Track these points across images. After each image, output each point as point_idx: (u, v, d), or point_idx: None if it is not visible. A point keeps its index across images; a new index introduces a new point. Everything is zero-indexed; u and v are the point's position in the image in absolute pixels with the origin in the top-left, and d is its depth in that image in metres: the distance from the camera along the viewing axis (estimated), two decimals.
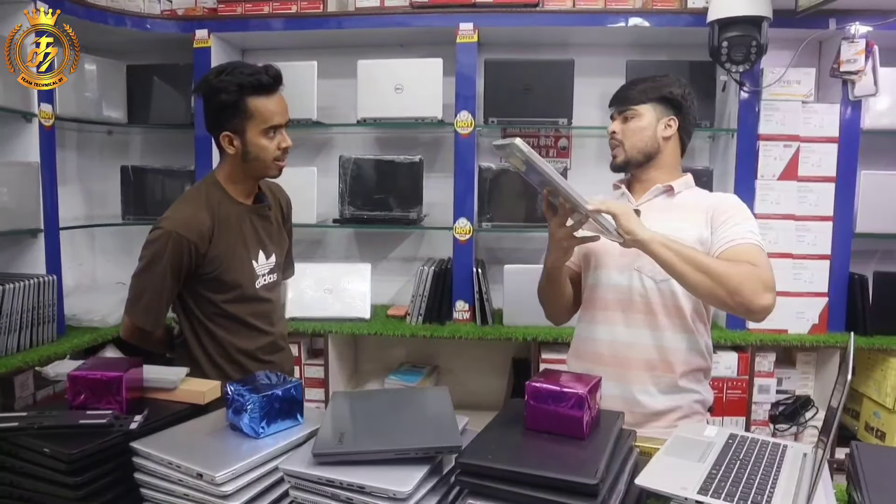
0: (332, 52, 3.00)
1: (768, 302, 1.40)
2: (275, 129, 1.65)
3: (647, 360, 1.58)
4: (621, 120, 1.63)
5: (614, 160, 1.66)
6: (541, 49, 2.92)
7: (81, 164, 3.14)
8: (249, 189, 1.73)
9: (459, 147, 2.74)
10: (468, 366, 3.07)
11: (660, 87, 1.62)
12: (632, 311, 1.59)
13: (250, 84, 1.59)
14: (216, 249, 1.63)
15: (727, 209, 1.55)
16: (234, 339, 1.70)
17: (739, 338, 2.62)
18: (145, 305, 1.62)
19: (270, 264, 1.76)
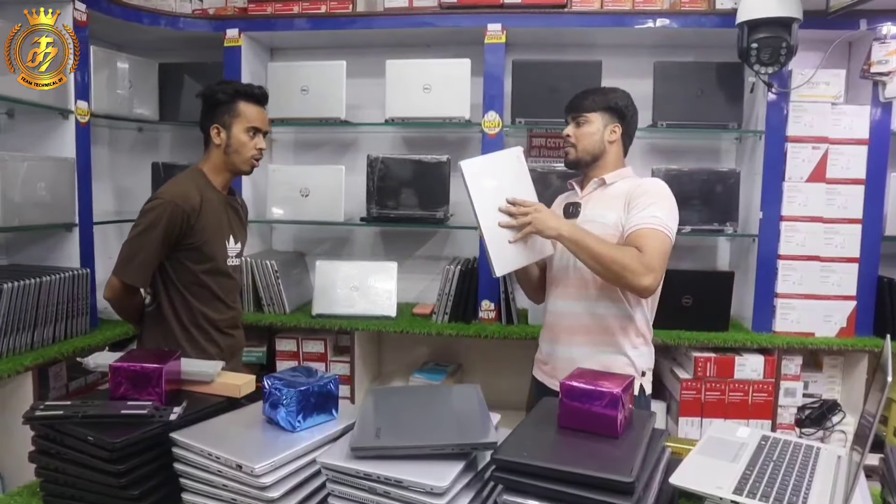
0: (361, 52, 3.03)
1: (648, 283, 1.68)
2: (255, 132, 1.99)
3: (578, 324, 1.86)
4: (575, 124, 1.92)
5: (566, 157, 1.96)
6: (568, 50, 2.92)
7: (113, 160, 3.19)
8: (225, 181, 2.05)
9: (487, 147, 2.75)
10: (492, 365, 3.08)
11: (608, 98, 1.91)
12: (568, 286, 1.89)
13: (243, 91, 1.98)
14: (201, 223, 1.91)
15: (640, 195, 1.78)
16: (204, 307, 1.98)
17: (766, 340, 2.61)
18: (138, 265, 1.86)
19: (237, 249, 2.07)
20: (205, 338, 1.99)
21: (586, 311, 1.87)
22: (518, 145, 2.95)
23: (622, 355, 1.86)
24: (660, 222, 1.73)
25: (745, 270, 2.77)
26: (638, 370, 1.87)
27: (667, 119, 2.68)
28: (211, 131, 1.98)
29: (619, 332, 1.86)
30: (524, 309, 2.85)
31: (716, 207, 2.69)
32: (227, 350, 2.05)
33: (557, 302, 1.94)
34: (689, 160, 2.93)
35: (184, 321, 1.96)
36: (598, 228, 1.83)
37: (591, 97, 1.92)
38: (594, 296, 1.86)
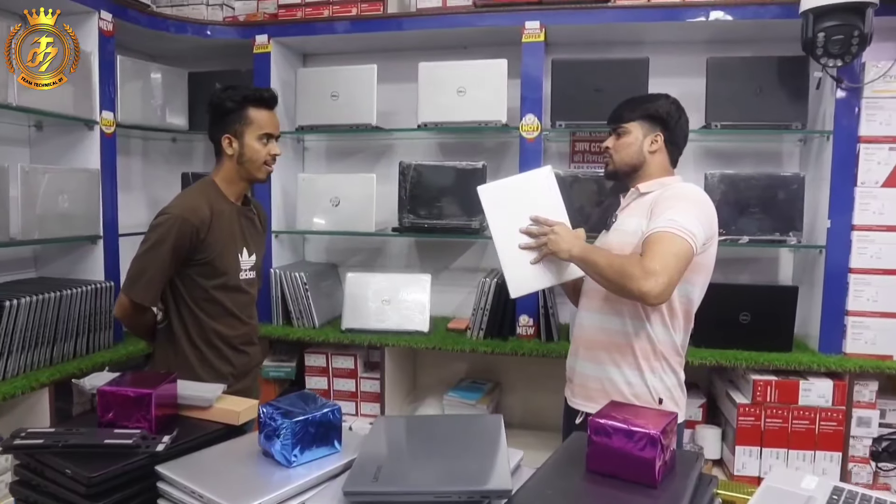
0: (393, 56, 2.91)
1: (648, 287, 1.51)
2: (268, 137, 1.91)
3: (595, 339, 1.77)
4: (615, 137, 1.84)
5: (605, 168, 1.89)
6: (612, 48, 2.74)
7: (146, 171, 3.16)
8: (240, 191, 1.96)
9: (525, 153, 2.60)
10: (532, 382, 2.91)
11: (647, 107, 1.80)
12: (589, 298, 1.81)
13: (252, 96, 1.89)
14: (212, 237, 1.83)
15: (662, 201, 1.66)
16: (216, 324, 1.88)
17: (835, 363, 2.35)
18: (147, 282, 1.78)
19: (251, 262, 1.96)
20: (216, 356, 1.90)
21: (602, 324, 1.78)
22: (557, 152, 2.82)
23: (636, 377, 1.73)
24: (675, 225, 1.57)
25: (811, 285, 2.52)
26: (654, 397, 1.73)
27: (721, 120, 2.47)
28: (223, 142, 1.89)
29: (635, 351, 1.72)
30: (565, 324, 2.67)
31: (777, 216, 2.45)
32: (240, 368, 1.95)
33: (582, 313, 1.86)
34: (746, 164, 2.70)
35: (194, 339, 1.88)
36: (619, 237, 1.76)
37: (629, 106, 1.83)
38: (609, 308, 1.75)
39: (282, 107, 2.93)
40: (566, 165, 2.89)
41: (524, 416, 2.93)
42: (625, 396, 1.72)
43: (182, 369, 1.85)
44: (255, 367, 2.07)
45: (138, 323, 1.90)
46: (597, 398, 1.76)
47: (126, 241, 2.80)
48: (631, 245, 1.70)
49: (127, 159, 3.04)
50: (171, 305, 1.88)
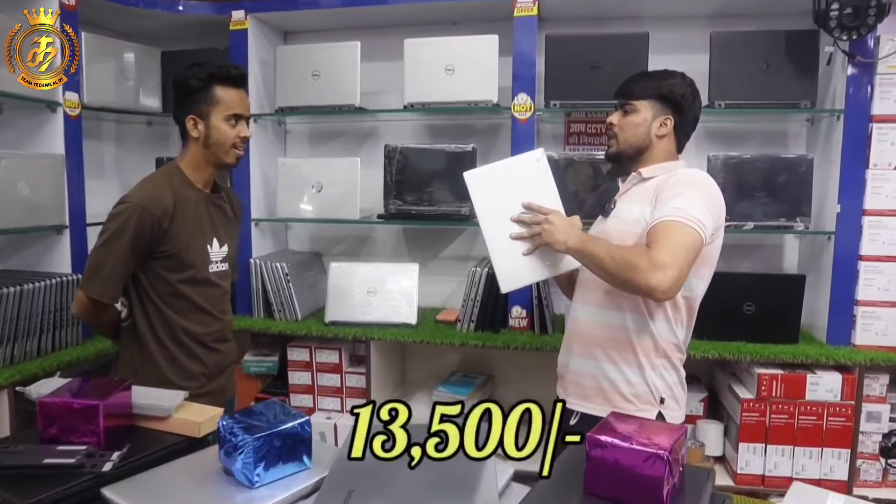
0: (379, 33, 2.75)
1: (656, 281, 1.39)
2: (237, 118, 1.75)
3: (591, 335, 1.65)
4: (621, 113, 1.69)
5: (608, 150, 1.73)
6: (610, 22, 2.58)
7: (119, 156, 3.00)
8: (208, 177, 1.81)
9: (517, 134, 2.45)
10: (527, 375, 2.78)
11: (660, 85, 1.65)
12: (586, 289, 1.69)
13: (219, 74, 1.73)
14: (176, 227, 1.69)
15: (668, 188, 1.54)
16: (184, 320, 1.75)
17: (844, 356, 2.23)
18: (105, 277, 1.64)
19: (223, 253, 1.83)
20: (186, 354, 1.76)
21: (600, 319, 1.65)
22: (551, 133, 2.68)
23: (637, 375, 1.62)
24: (682, 213, 1.46)
25: (818, 273, 2.40)
26: (655, 396, 1.62)
27: (725, 98, 2.32)
28: (187, 123, 1.74)
29: (635, 348, 1.61)
30: (560, 316, 2.55)
31: (784, 200, 2.32)
32: (212, 367, 1.81)
33: (577, 306, 1.74)
34: (750, 146, 2.56)
35: (161, 337, 1.74)
36: (619, 225, 1.63)
37: (642, 82, 1.67)
38: (608, 302, 1.63)
39: (261, 87, 2.81)
40: (561, 147, 2.75)
41: None
42: (624, 395, 1.61)
43: (149, 370, 1.73)
44: (231, 366, 1.93)
45: (99, 321, 1.77)
46: (593, 397, 1.66)
47: (96, 231, 2.66)
48: (632, 234, 1.58)
49: (98, 144, 2.88)
50: (136, 301, 1.74)
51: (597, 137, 2.72)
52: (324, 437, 2.58)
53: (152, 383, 1.72)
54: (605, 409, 1.57)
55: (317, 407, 2.68)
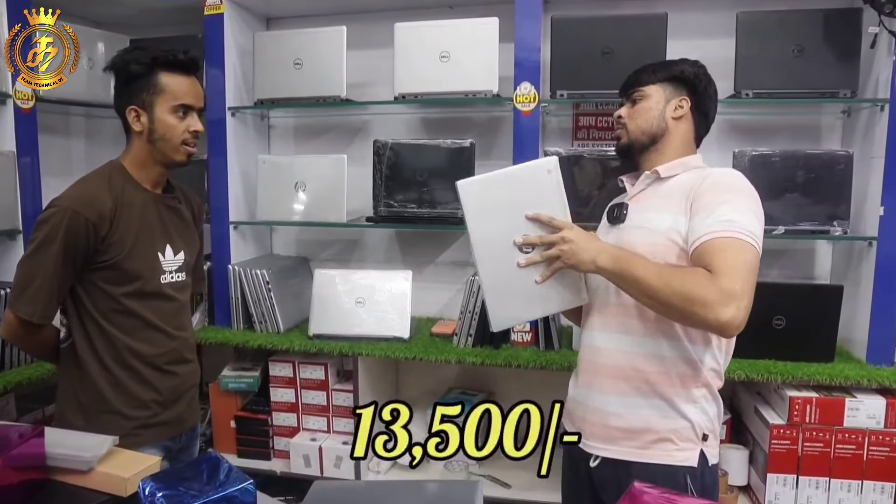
0: (367, 18, 2.53)
1: (729, 316, 1.21)
2: (185, 110, 1.53)
3: (618, 367, 1.43)
4: (629, 104, 1.53)
5: (617, 142, 1.55)
6: (623, 3, 2.34)
7: (91, 153, 2.80)
8: (157, 177, 1.59)
9: (520, 128, 2.23)
10: (531, 391, 2.53)
11: (670, 67, 1.51)
12: (608, 315, 1.46)
13: (164, 59, 1.51)
14: (117, 233, 1.48)
15: (706, 191, 1.35)
16: (132, 340, 1.53)
17: (888, 377, 1.98)
18: (33, 294, 1.43)
19: (178, 261, 1.62)
20: (135, 379, 1.54)
21: (628, 347, 1.43)
22: (557, 127, 2.43)
23: (676, 414, 1.40)
24: (738, 227, 1.27)
25: (857, 283, 2.15)
26: (697, 433, 1.41)
27: (753, 87, 2.07)
28: (128, 115, 1.52)
29: (673, 379, 1.40)
30: (567, 328, 2.31)
31: (819, 201, 2.08)
32: (167, 393, 1.59)
33: (594, 335, 1.50)
34: (779, 140, 2.31)
35: (104, 360, 1.52)
36: (646, 237, 1.40)
37: (648, 69, 1.52)
38: (639, 327, 1.41)
39: (240, 78, 2.57)
40: (568, 143, 2.51)
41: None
42: (659, 434, 1.40)
43: (92, 399, 1.52)
44: (191, 390, 1.70)
45: (33, 343, 1.56)
46: (620, 439, 1.43)
47: None
48: (664, 248, 1.37)
49: (65, 140, 2.68)
50: (75, 320, 1.52)
51: (608, 132, 2.47)
52: (308, 462, 2.36)
53: (96, 413, 1.52)
54: (635, 451, 1.41)
55: (301, 426, 2.46)
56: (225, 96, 2.46)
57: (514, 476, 2.31)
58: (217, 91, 2.46)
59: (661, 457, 1.39)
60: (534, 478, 2.31)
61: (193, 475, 0.92)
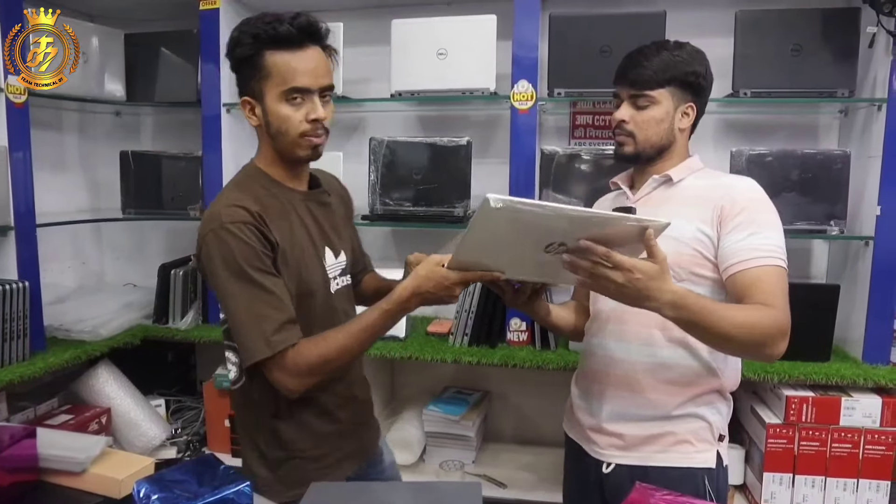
0: (364, 14, 2.50)
1: (784, 348, 1.26)
2: (300, 94, 1.27)
3: (638, 377, 1.40)
4: (632, 106, 1.42)
5: (621, 148, 1.46)
6: (622, 1, 2.32)
7: (84, 148, 2.77)
8: (295, 173, 1.38)
9: (517, 126, 2.21)
10: (526, 390, 2.56)
11: (678, 67, 1.39)
12: (625, 323, 1.42)
13: (267, 34, 1.25)
14: (276, 235, 1.27)
15: (744, 205, 1.32)
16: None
17: (884, 376, 1.98)
18: (271, 315, 1.21)
19: (341, 264, 1.43)
20: (314, 412, 1.36)
21: (651, 360, 1.40)
22: (555, 125, 2.40)
23: (696, 418, 1.40)
24: (779, 254, 1.30)
25: (853, 282, 2.15)
26: (714, 434, 1.43)
27: (752, 86, 2.07)
28: (243, 109, 1.33)
29: (694, 388, 1.39)
30: None
31: (816, 201, 2.07)
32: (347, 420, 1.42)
33: (608, 344, 1.46)
34: (776, 139, 2.31)
35: (279, 398, 1.30)
36: (670, 246, 1.27)
37: (655, 63, 1.39)
38: (661, 338, 1.39)
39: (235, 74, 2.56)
40: (566, 142, 2.50)
41: (517, 429, 2.59)
42: (678, 436, 1.40)
43: (272, 445, 1.35)
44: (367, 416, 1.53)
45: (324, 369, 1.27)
46: (638, 446, 1.42)
47: (57, 231, 2.44)
48: (689, 258, 1.35)
49: (58, 135, 2.65)
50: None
51: (605, 130, 2.47)
52: None
53: (279, 462, 1.35)
54: (653, 456, 1.40)
55: None
56: (220, 92, 2.43)
57: (509, 475, 2.30)
58: (212, 87, 2.43)
59: (681, 459, 1.39)
60: (529, 477, 2.33)
61: (188, 477, 0.91)
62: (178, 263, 2.54)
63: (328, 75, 1.31)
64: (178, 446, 2.38)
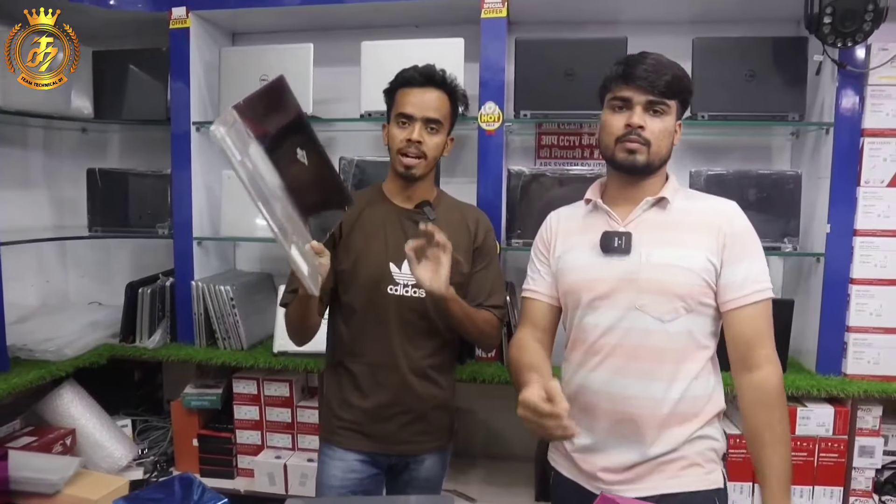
0: (334, 35, 2.54)
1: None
2: (406, 119, 1.63)
3: (654, 414, 1.35)
4: (649, 111, 1.37)
5: (631, 157, 1.37)
6: (586, 26, 2.40)
7: (49, 165, 2.74)
8: (404, 190, 1.70)
9: (484, 146, 2.25)
10: (494, 407, 2.59)
11: (685, 81, 1.40)
12: (635, 359, 1.36)
13: (400, 78, 1.68)
14: (350, 240, 1.66)
15: (741, 234, 1.37)
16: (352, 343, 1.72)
17: (836, 387, 2.07)
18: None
19: (407, 275, 1.62)
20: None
21: (664, 397, 1.36)
22: (521, 146, 2.45)
23: (703, 439, 1.39)
24: (769, 281, 1.38)
25: (806, 297, 2.24)
26: (719, 454, 1.43)
27: (709, 110, 2.16)
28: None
29: (704, 416, 1.39)
30: None
31: (770, 219, 2.16)
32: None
33: (613, 380, 1.38)
34: (732, 160, 2.40)
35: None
36: (684, 277, 1.34)
37: (668, 74, 1.36)
38: (677, 375, 1.36)
39: (205, 92, 2.56)
40: (532, 162, 2.56)
41: (486, 445, 2.61)
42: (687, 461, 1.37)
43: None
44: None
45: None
46: (647, 476, 1.37)
47: (20, 249, 2.40)
48: (700, 289, 1.35)
49: (22, 152, 2.63)
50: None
51: (569, 150, 2.53)
52: (273, 480, 2.33)
53: None
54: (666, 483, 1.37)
55: (266, 444, 2.43)
56: (190, 110, 2.44)
57: (479, 490, 2.33)
58: (182, 105, 2.44)
59: (693, 483, 1.36)
60: (498, 490, 2.36)
61: (166, 495, 0.92)
62: (147, 281, 2.52)
63: (434, 111, 1.64)
64: (144, 467, 2.35)
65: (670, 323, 1.35)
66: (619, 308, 1.37)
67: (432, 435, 1.75)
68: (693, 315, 1.36)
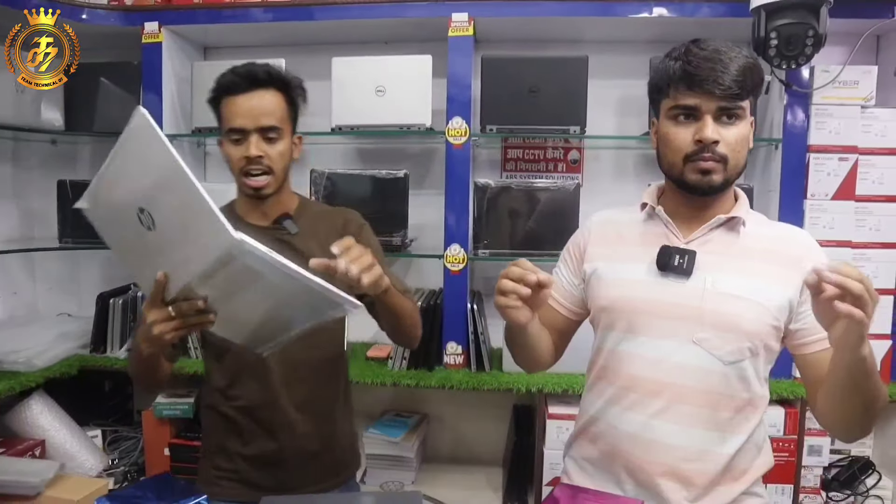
0: (305, 51, 2.60)
1: None
2: (239, 134, 1.39)
3: (703, 470, 1.16)
4: (718, 119, 1.11)
5: (707, 178, 1.12)
6: (549, 45, 2.50)
7: (17, 177, 2.74)
8: (255, 207, 1.47)
9: (452, 160, 2.33)
10: (462, 413, 2.65)
11: (756, 70, 1.12)
12: (684, 402, 1.15)
13: (219, 86, 1.43)
14: None
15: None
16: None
17: (786, 389, 2.18)
18: None
19: None
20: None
21: (720, 448, 1.16)
22: (487, 159, 2.54)
23: (753, 497, 1.22)
24: None
25: None
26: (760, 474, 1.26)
27: None
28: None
29: (752, 469, 1.21)
30: (497, 350, 2.41)
31: None
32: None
33: (654, 424, 1.16)
34: None
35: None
36: (755, 313, 1.13)
37: (741, 68, 1.09)
38: (733, 424, 1.16)
39: (177, 106, 2.60)
40: (497, 174, 2.64)
41: (456, 449, 2.67)
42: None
43: None
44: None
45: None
46: None
47: None
48: (769, 330, 1.14)
49: None
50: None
51: (534, 164, 2.62)
52: None
53: None
54: None
55: None
56: (162, 124, 2.47)
57: (448, 495, 2.38)
58: (154, 118, 2.45)
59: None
60: (467, 494, 2.41)
61: (147, 493, 0.96)
62: (118, 292, 2.53)
63: (263, 116, 1.38)
64: (115, 477, 2.36)
65: (732, 365, 1.14)
66: (672, 339, 1.16)
67: (330, 471, 1.52)
68: (756, 359, 1.16)
